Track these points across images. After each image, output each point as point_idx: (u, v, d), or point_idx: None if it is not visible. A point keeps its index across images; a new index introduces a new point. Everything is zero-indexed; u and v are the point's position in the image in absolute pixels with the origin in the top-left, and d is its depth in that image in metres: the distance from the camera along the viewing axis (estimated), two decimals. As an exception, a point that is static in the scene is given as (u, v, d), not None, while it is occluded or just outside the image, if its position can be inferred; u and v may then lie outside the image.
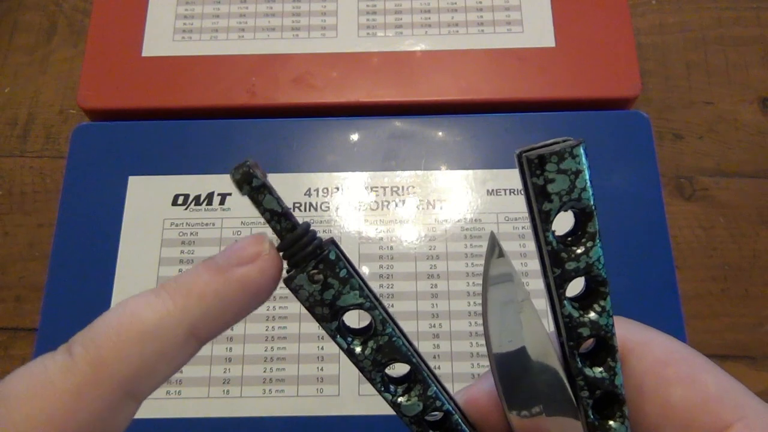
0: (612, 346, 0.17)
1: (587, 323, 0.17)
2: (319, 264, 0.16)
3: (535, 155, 0.15)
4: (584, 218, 0.16)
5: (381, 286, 0.36)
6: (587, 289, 0.17)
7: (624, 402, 0.17)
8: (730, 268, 0.42)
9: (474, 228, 0.38)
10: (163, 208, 0.38)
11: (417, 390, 0.18)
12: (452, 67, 0.42)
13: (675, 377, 0.17)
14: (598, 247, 0.16)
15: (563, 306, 0.17)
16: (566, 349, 0.17)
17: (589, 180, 0.15)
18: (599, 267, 0.16)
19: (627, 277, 0.36)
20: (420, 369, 0.17)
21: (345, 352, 0.17)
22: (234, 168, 0.15)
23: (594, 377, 0.17)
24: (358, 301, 0.16)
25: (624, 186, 0.38)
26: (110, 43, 0.43)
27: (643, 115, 0.40)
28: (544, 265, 0.17)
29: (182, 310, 0.15)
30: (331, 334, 0.17)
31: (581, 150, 0.15)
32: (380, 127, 0.40)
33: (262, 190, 0.16)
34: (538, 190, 0.15)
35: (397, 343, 0.17)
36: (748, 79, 0.47)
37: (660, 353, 0.17)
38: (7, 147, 0.47)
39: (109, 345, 0.15)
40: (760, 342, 0.40)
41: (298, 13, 0.43)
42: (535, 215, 0.16)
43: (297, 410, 0.34)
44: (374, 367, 0.17)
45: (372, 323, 0.17)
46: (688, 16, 0.49)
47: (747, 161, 0.45)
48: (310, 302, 0.16)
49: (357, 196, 0.39)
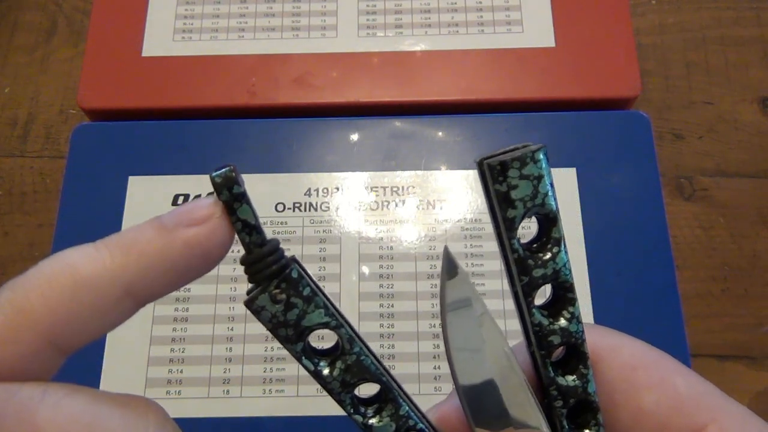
0: (583, 352, 0.17)
1: (557, 331, 0.16)
2: (282, 283, 0.15)
3: (497, 161, 0.15)
4: (548, 224, 0.16)
5: (381, 286, 0.36)
6: (554, 296, 0.17)
7: (598, 409, 0.17)
8: (730, 268, 0.42)
9: (474, 228, 0.38)
10: (163, 208, 0.38)
11: (389, 410, 0.17)
12: (452, 67, 0.42)
13: (645, 382, 0.17)
14: (563, 253, 0.16)
15: (532, 315, 0.16)
16: (537, 358, 0.17)
17: (551, 185, 0.15)
18: (566, 273, 0.16)
19: (627, 277, 0.36)
20: (390, 388, 0.17)
21: (312, 374, 0.16)
22: (215, 170, 0.15)
23: (567, 386, 0.17)
24: (323, 320, 0.16)
25: (624, 186, 0.38)
26: (110, 43, 0.43)
27: (643, 115, 0.40)
28: (510, 274, 0.16)
29: (120, 267, 0.15)
30: (297, 356, 0.16)
31: (542, 155, 0.15)
32: (380, 127, 0.40)
33: (239, 198, 0.15)
34: (501, 197, 0.15)
35: (366, 362, 0.16)
36: (748, 79, 0.47)
37: (628, 358, 0.17)
38: (7, 147, 0.47)
39: (37, 292, 0.14)
40: (760, 342, 0.40)
41: (298, 13, 0.43)
42: (499, 223, 0.16)
43: (297, 410, 0.34)
44: (343, 389, 0.16)
45: (339, 343, 0.16)
46: (688, 16, 0.49)
47: (747, 161, 0.45)
48: (273, 323, 0.15)
49: (357, 196, 0.39)
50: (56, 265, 0.15)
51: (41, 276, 0.14)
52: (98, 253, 0.15)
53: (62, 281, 0.14)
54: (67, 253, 0.15)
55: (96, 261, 0.15)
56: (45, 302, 0.14)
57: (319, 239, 0.37)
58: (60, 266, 0.15)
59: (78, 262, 0.15)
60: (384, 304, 0.36)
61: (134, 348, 0.35)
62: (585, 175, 0.38)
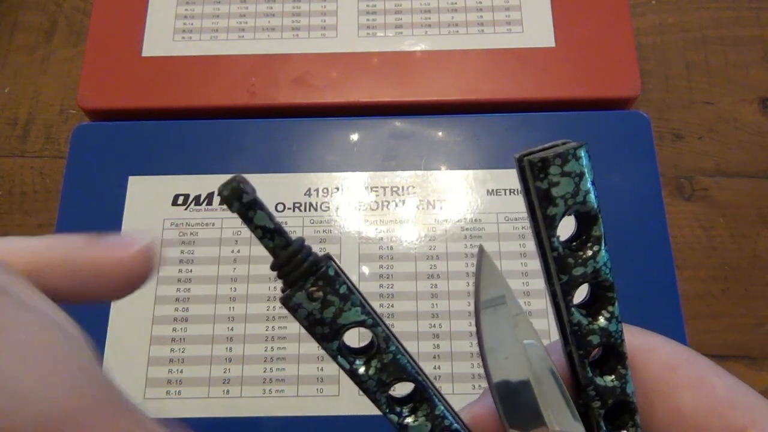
0: (622, 352, 0.17)
1: (597, 330, 0.16)
2: (318, 281, 0.15)
3: (538, 158, 0.14)
4: (588, 222, 0.16)
5: (381, 286, 0.36)
6: (593, 295, 0.17)
7: (636, 410, 0.17)
8: (730, 268, 0.42)
9: (474, 228, 0.37)
10: (163, 208, 0.38)
11: (424, 410, 0.17)
12: (452, 67, 0.42)
13: (684, 382, 0.17)
14: (604, 251, 0.16)
15: (571, 314, 0.16)
16: (575, 358, 0.17)
17: (592, 183, 0.15)
18: (606, 271, 0.16)
19: (627, 277, 0.36)
20: (426, 387, 0.17)
21: (348, 372, 0.16)
22: (222, 184, 0.15)
23: (605, 386, 0.17)
24: (360, 318, 0.16)
25: (624, 186, 0.38)
26: (110, 43, 0.43)
27: (643, 115, 0.40)
28: (548, 273, 0.16)
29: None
30: (332, 355, 0.16)
31: (584, 152, 0.15)
32: (380, 127, 0.40)
33: (252, 206, 0.15)
34: (542, 194, 0.15)
35: (402, 360, 0.16)
36: (748, 79, 0.47)
37: (666, 358, 0.17)
38: (7, 147, 0.47)
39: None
40: (760, 342, 0.40)
41: (298, 13, 0.43)
42: (538, 220, 0.15)
43: (297, 410, 0.34)
44: (379, 388, 0.16)
45: (373, 342, 0.16)
46: (688, 16, 0.49)
47: (747, 161, 0.45)
48: (310, 321, 0.15)
49: (357, 196, 0.39)
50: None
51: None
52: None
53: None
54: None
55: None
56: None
57: (319, 239, 0.37)
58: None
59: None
60: (384, 304, 0.36)
61: (134, 348, 0.35)
62: (585, 175, 0.38)
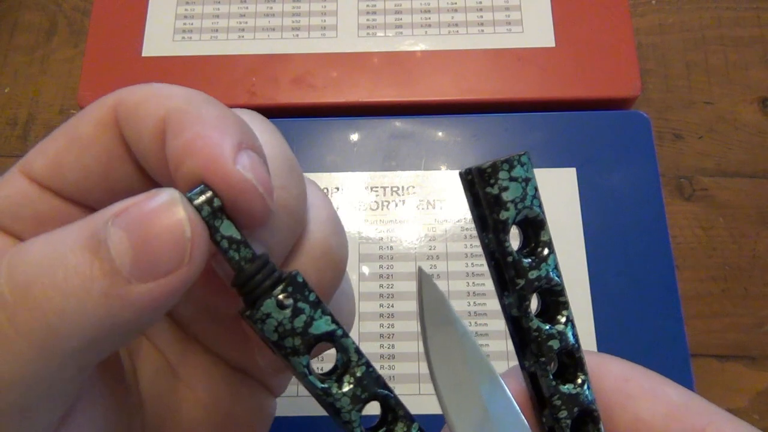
0: (580, 357, 0.17)
1: (556, 335, 0.16)
2: (288, 287, 0.14)
3: (488, 164, 0.15)
4: (536, 227, 0.16)
5: (381, 286, 0.36)
6: (545, 303, 0.17)
7: (599, 419, 0.17)
8: (730, 268, 0.42)
9: (474, 228, 0.37)
10: (163, 208, 0.38)
11: (400, 429, 0.16)
12: (452, 67, 0.42)
13: (638, 391, 0.17)
14: (554, 255, 0.16)
15: (530, 320, 0.16)
16: (537, 370, 0.17)
17: (536, 188, 0.15)
18: (557, 275, 0.16)
19: (627, 277, 0.36)
20: (400, 403, 0.16)
21: (320, 392, 0.15)
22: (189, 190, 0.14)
23: (570, 393, 0.17)
24: (330, 327, 0.15)
25: (624, 186, 0.38)
26: (110, 43, 0.43)
27: (643, 115, 0.40)
28: (502, 282, 0.16)
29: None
30: (302, 373, 0.15)
31: (527, 158, 0.15)
32: (380, 127, 0.40)
33: (219, 215, 0.13)
34: (493, 199, 0.15)
35: (374, 374, 0.15)
36: (748, 79, 0.47)
37: (618, 370, 0.18)
38: (7, 147, 0.47)
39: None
40: (760, 342, 0.40)
41: (298, 13, 0.43)
42: (489, 228, 0.16)
43: (297, 410, 0.34)
44: (354, 406, 0.15)
45: (343, 358, 0.15)
46: (688, 16, 0.49)
47: (747, 161, 0.45)
48: (280, 333, 0.14)
49: (357, 196, 0.39)
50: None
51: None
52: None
53: None
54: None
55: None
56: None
57: (319, 239, 0.37)
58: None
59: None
60: (384, 304, 0.36)
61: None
62: (585, 175, 0.38)
